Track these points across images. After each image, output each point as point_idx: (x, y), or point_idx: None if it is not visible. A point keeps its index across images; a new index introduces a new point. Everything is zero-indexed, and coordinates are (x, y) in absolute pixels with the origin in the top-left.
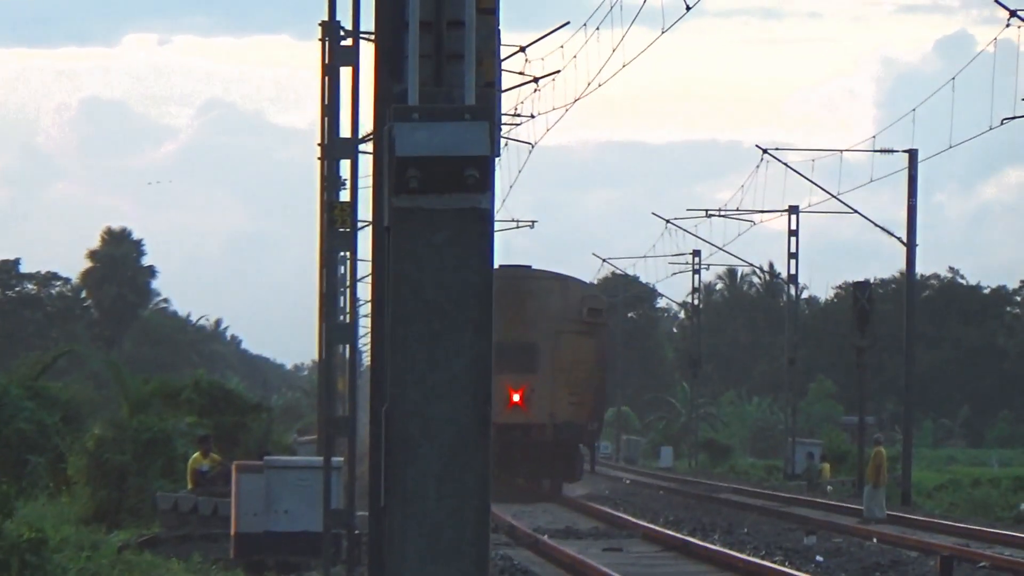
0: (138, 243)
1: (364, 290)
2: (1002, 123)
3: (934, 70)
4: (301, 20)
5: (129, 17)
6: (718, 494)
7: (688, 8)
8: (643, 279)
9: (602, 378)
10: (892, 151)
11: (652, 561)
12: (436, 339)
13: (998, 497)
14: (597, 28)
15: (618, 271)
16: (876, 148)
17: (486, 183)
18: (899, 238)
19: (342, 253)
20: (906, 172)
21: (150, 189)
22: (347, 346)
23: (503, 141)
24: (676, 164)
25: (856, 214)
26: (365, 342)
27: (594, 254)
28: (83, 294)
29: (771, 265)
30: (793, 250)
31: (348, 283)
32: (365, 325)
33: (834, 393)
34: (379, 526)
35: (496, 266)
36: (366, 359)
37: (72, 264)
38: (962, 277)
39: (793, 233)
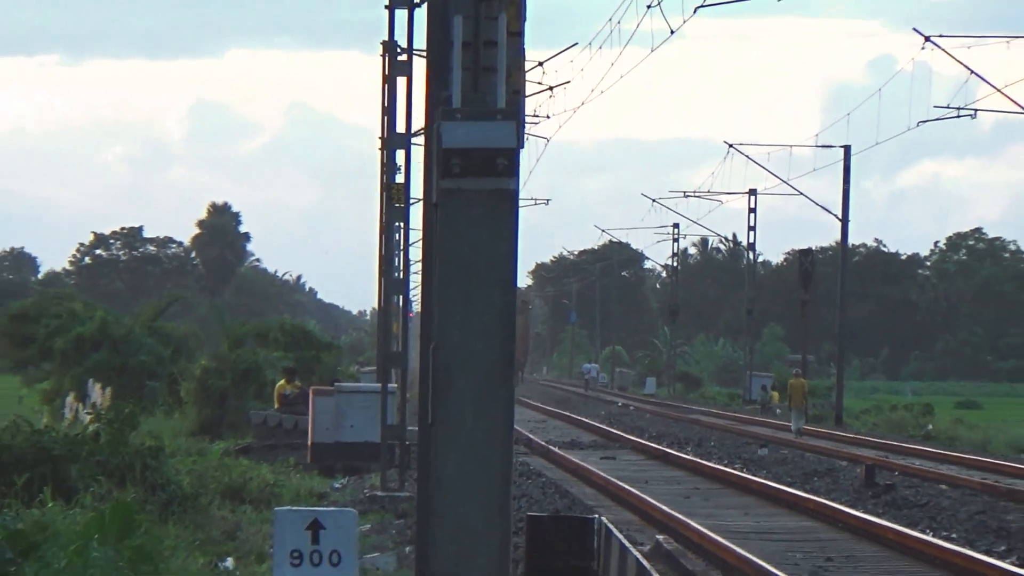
0: (236, 214)
1: (414, 253)
2: (918, 125)
3: (865, 83)
4: (367, 40)
5: (232, 35)
6: (691, 415)
7: (672, 32)
8: (633, 246)
9: (525, 340)
10: (831, 147)
11: (639, 467)
12: (472, 293)
13: (911, 419)
14: (600, 48)
15: (614, 239)
16: (818, 144)
17: (513, 169)
18: (835, 215)
19: (397, 224)
20: (842, 163)
21: (248, 171)
22: (400, 296)
23: (526, 136)
24: (661, 155)
25: (802, 196)
26: (414, 293)
27: (595, 226)
28: (192, 254)
29: (734, 235)
30: (752, 224)
31: (401, 247)
32: (414, 281)
33: (782, 336)
34: (426, 439)
35: None
36: (415, 307)
37: (184, 230)
38: (884, 246)
39: (752, 210)
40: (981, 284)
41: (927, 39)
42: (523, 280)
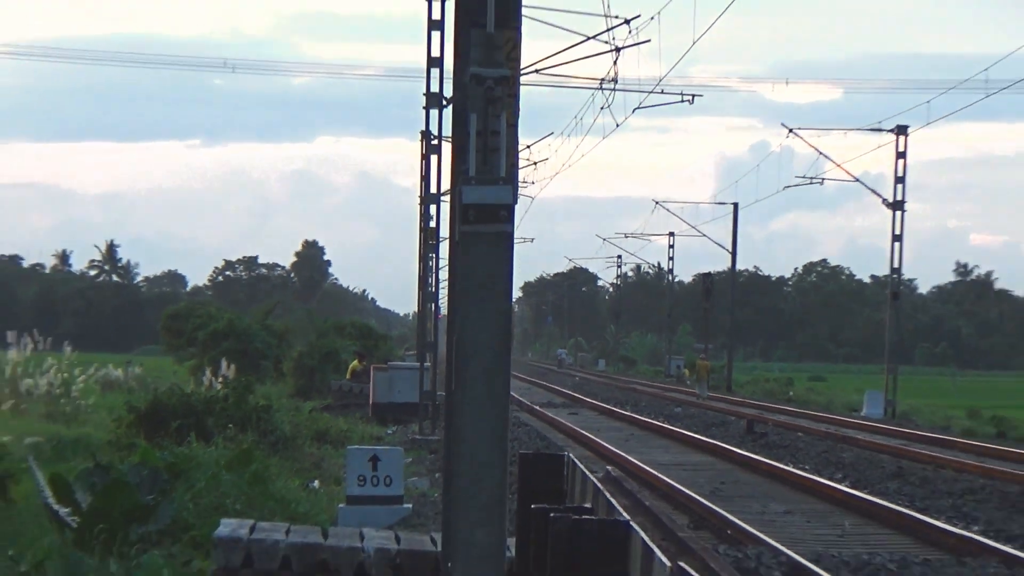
0: (321, 248)
1: (442, 274)
2: (784, 189)
3: (748, 160)
4: (411, 130)
5: (319, 126)
6: (629, 385)
7: (617, 125)
8: (591, 270)
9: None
10: (724, 203)
11: (594, 420)
12: (482, 302)
13: (778, 388)
14: (568, 136)
15: (578, 266)
16: (716, 201)
17: (510, 218)
18: (727, 249)
19: (431, 255)
20: (732, 215)
21: (330, 219)
22: (433, 304)
23: (519, 195)
24: (610, 209)
25: (705, 236)
26: (443, 302)
27: (565, 256)
28: (291, 275)
29: (659, 263)
30: (671, 256)
31: (433, 270)
32: (442, 293)
33: (691, 332)
34: (451, 401)
35: None
36: (443, 310)
37: (286, 258)
38: (761, 271)
39: (671, 247)
40: (826, 297)
41: (791, 131)
42: (516, 293)
